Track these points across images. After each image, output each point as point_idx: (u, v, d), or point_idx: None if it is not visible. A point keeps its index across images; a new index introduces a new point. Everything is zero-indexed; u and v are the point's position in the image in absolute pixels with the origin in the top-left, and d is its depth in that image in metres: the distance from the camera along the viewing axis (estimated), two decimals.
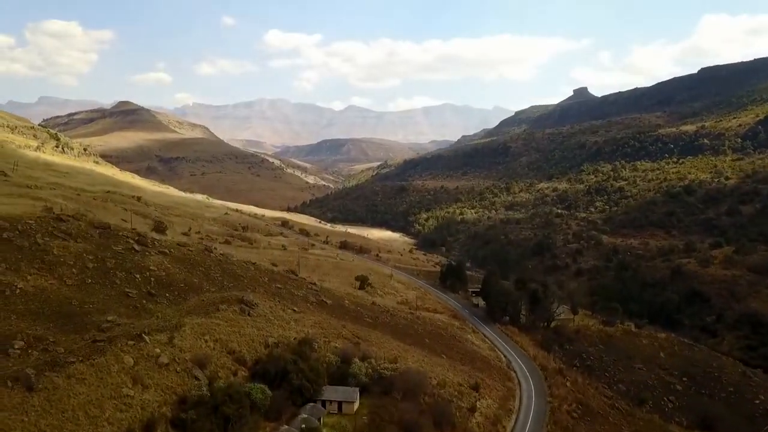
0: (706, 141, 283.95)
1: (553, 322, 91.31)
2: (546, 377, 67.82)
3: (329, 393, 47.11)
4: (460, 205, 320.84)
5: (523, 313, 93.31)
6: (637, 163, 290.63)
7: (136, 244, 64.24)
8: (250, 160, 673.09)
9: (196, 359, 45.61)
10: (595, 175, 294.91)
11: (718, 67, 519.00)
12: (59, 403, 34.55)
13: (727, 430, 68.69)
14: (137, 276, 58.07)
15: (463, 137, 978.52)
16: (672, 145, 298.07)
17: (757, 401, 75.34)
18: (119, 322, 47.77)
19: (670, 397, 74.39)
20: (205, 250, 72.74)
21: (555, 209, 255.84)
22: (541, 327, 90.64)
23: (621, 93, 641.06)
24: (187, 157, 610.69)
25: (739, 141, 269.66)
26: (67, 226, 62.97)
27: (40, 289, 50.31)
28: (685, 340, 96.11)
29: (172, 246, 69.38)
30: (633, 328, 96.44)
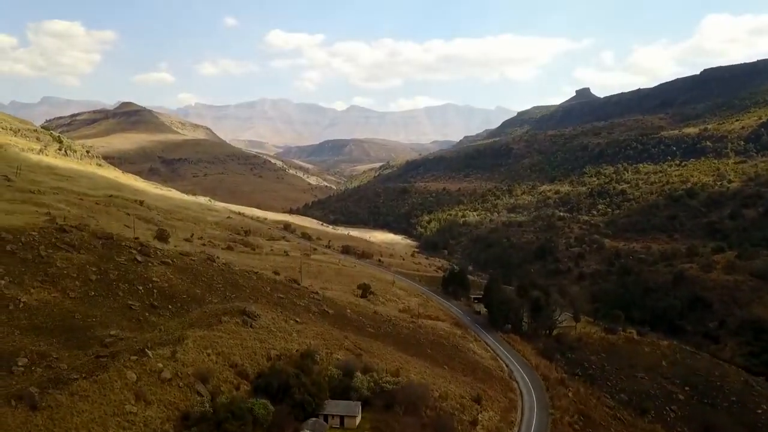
0: (708, 143, 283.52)
1: (555, 329, 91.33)
2: (548, 388, 67.84)
3: (331, 407, 47.14)
4: (462, 207, 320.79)
5: (525, 321, 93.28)
6: (640, 166, 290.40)
7: (138, 255, 64.38)
8: (253, 162, 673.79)
9: (198, 374, 45.73)
10: (598, 178, 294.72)
11: (720, 68, 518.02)
12: (62, 422, 34.74)
13: None
14: (140, 288, 58.23)
15: (465, 138, 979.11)
16: (674, 148, 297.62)
17: (759, 411, 75.13)
18: (122, 336, 48.00)
19: (672, 407, 74.25)
20: (207, 259, 72.82)
21: (557, 212, 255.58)
22: (543, 335, 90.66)
23: (623, 94, 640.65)
24: (190, 158, 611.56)
25: (741, 144, 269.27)
26: (70, 237, 63.14)
27: (44, 302, 50.52)
28: (688, 348, 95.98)
29: (174, 256, 69.46)
30: (635, 335, 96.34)
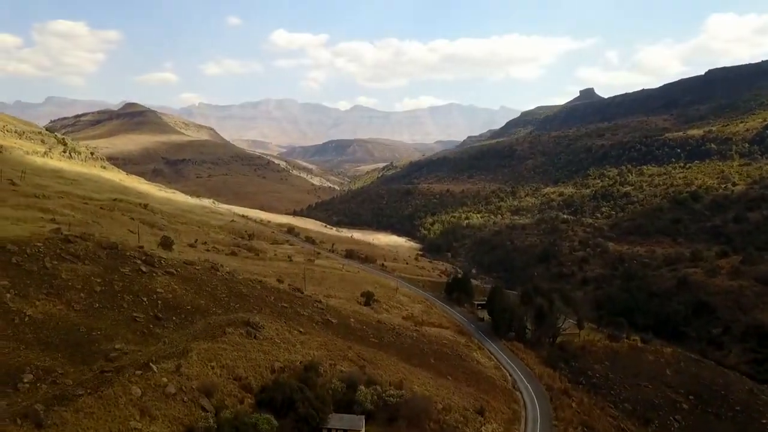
0: (713, 146, 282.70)
1: (559, 337, 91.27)
2: (551, 398, 67.77)
3: (335, 421, 47.21)
4: (465, 209, 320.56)
5: (528, 328, 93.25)
6: (644, 168, 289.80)
7: (143, 265, 64.63)
8: (256, 162, 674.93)
9: (203, 388, 45.85)
10: (601, 180, 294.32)
11: (725, 68, 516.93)
12: None
13: None
14: (144, 299, 58.42)
15: (468, 138, 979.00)
16: (678, 150, 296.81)
17: (764, 420, 74.86)
18: (126, 350, 48.15)
19: (676, 417, 74.17)
20: (211, 268, 73.06)
21: (561, 214, 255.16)
22: (547, 342, 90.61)
23: (627, 94, 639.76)
24: (194, 159, 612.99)
25: (746, 146, 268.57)
26: (75, 247, 63.36)
27: (49, 315, 50.70)
28: (692, 355, 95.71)
29: (178, 265, 69.69)
30: (639, 342, 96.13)
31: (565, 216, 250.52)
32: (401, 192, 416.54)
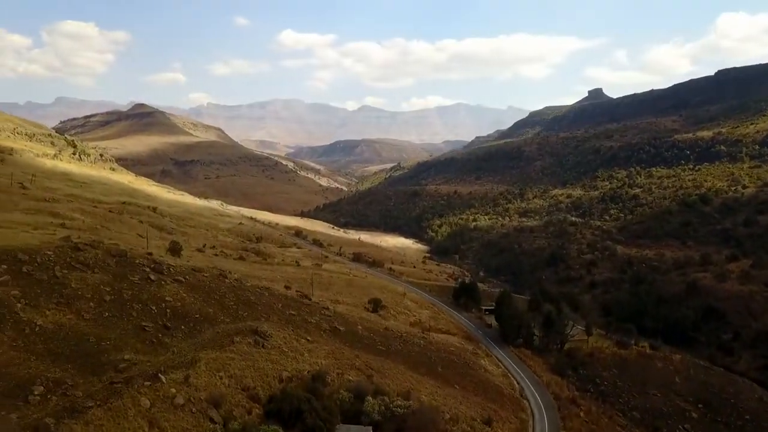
0: (723, 147, 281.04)
1: (567, 344, 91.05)
2: (559, 407, 67.62)
3: None
4: (473, 211, 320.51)
5: (536, 335, 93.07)
6: (653, 170, 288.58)
7: (152, 273, 65.04)
8: (264, 163, 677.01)
9: (211, 398, 46.05)
10: (610, 182, 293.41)
11: (735, 69, 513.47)
12: None
13: None
14: (153, 308, 58.76)
15: (476, 138, 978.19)
16: (688, 152, 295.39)
17: None
18: (136, 361, 48.44)
19: (685, 426, 73.72)
20: (219, 275, 73.44)
21: (569, 217, 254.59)
22: (555, 349, 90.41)
23: (636, 95, 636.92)
24: (202, 160, 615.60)
25: (756, 148, 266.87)
26: (85, 255, 63.81)
27: (59, 325, 51.07)
28: (701, 362, 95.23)
29: (187, 272, 70.09)
30: (648, 349, 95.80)
31: (573, 218, 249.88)
32: (408, 193, 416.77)
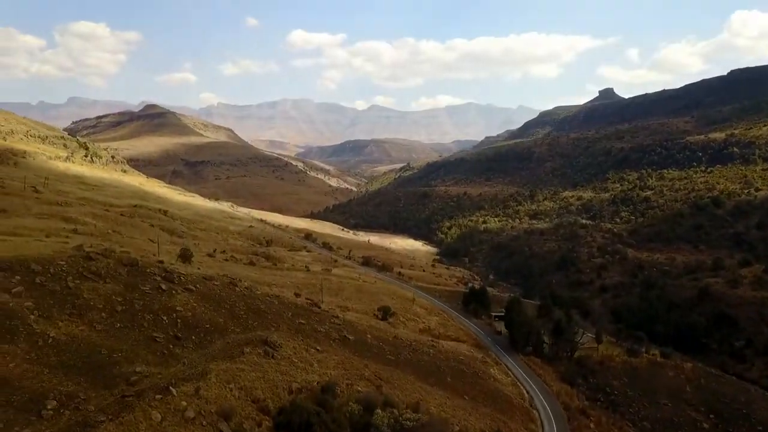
0: (735, 149, 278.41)
1: (577, 352, 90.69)
2: (569, 418, 67.41)
3: None
4: (483, 212, 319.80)
5: (546, 342, 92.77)
6: (664, 172, 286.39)
7: (163, 282, 65.53)
8: (274, 164, 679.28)
9: (221, 411, 46.32)
10: (621, 184, 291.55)
11: (748, 69, 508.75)
12: None
13: None
14: (164, 318, 59.19)
15: (486, 138, 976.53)
16: (700, 153, 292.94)
17: None
18: (147, 373, 48.84)
19: None
20: (230, 283, 73.92)
21: (579, 219, 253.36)
22: (565, 357, 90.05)
23: (647, 95, 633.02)
24: (212, 161, 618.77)
25: None
26: (97, 265, 64.36)
27: (71, 336, 51.54)
28: (713, 371, 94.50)
29: (198, 281, 70.61)
30: (659, 357, 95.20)
31: (583, 221, 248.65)
32: (418, 195, 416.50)
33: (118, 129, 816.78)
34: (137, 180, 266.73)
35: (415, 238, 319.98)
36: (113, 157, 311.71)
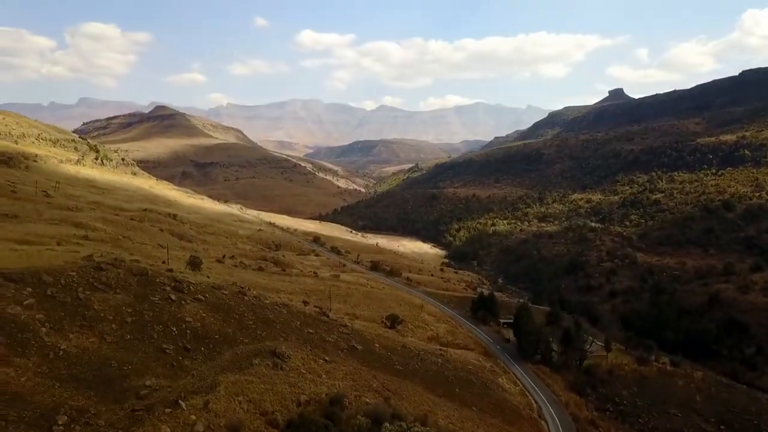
0: (746, 152, 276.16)
1: (586, 360, 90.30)
2: (578, 429, 67.12)
3: None
4: (492, 215, 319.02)
5: (554, 350, 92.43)
6: (674, 174, 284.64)
7: (172, 292, 65.97)
8: (283, 165, 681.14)
9: (230, 425, 46.53)
10: (631, 186, 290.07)
11: (759, 69, 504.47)
12: None
13: None
14: (174, 329, 59.57)
15: (495, 138, 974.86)
16: (711, 156, 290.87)
17: None
18: (156, 386, 49.18)
19: None
20: (239, 292, 74.27)
21: (588, 222, 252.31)
22: (574, 365, 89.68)
23: (658, 95, 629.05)
24: (221, 162, 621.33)
25: None
26: (107, 275, 64.87)
27: (82, 349, 51.98)
28: (723, 380, 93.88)
29: (207, 290, 71.03)
30: (668, 365, 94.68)
31: (593, 224, 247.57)
32: (426, 197, 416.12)
33: (128, 130, 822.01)
34: (147, 183, 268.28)
35: (424, 240, 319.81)
36: (123, 159, 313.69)
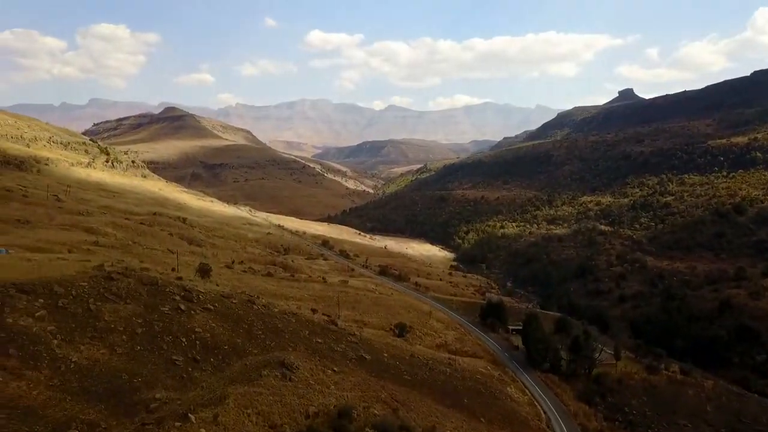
0: (758, 154, 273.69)
1: (595, 369, 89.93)
2: None
3: None
4: (501, 217, 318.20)
5: (563, 358, 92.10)
6: (685, 177, 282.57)
7: (182, 302, 66.40)
8: (292, 166, 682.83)
9: None
10: (641, 189, 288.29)
11: None
12: None
13: None
14: (183, 340, 59.96)
15: (504, 139, 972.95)
16: (722, 158, 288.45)
17: None
18: (166, 399, 49.53)
19: None
20: (248, 301, 74.75)
21: (598, 225, 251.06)
22: (583, 374, 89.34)
23: (668, 96, 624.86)
24: (231, 164, 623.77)
25: None
26: (117, 285, 65.39)
27: (93, 361, 52.43)
28: (734, 389, 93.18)
29: (216, 299, 71.45)
30: (678, 373, 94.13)
31: (602, 227, 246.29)
32: (435, 198, 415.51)
33: (138, 131, 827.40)
34: (157, 185, 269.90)
35: (432, 242, 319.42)
36: (133, 161, 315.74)
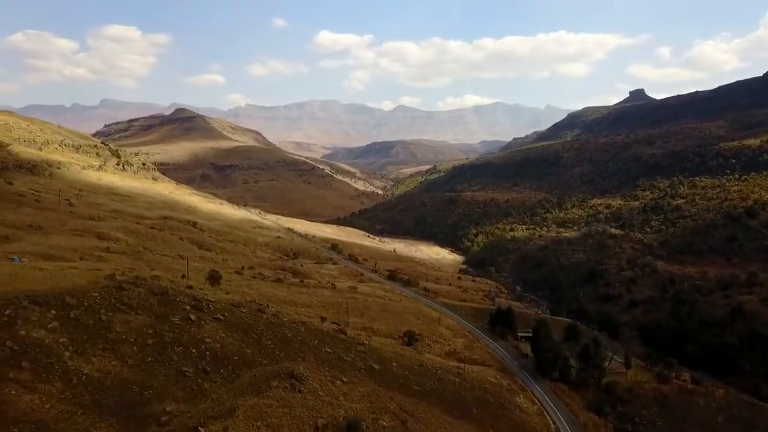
0: None
1: (605, 378, 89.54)
2: None
3: None
4: (510, 220, 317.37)
5: (573, 367, 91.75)
6: (697, 179, 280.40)
7: (192, 312, 66.83)
8: (301, 168, 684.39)
9: None
10: (651, 192, 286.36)
11: None
12: None
13: None
14: (193, 350, 60.32)
15: (514, 139, 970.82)
16: (734, 160, 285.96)
17: None
18: (176, 412, 49.89)
19: None
20: (257, 310, 75.12)
21: (608, 228, 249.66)
22: (593, 383, 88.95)
23: (680, 96, 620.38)
24: (240, 165, 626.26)
25: None
26: (128, 295, 65.89)
27: (104, 373, 52.86)
28: (745, 398, 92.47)
29: (226, 308, 71.87)
30: (689, 382, 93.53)
31: (612, 230, 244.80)
32: (444, 200, 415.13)
33: (148, 132, 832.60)
34: (167, 188, 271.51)
35: (441, 245, 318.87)
36: (144, 164, 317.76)
